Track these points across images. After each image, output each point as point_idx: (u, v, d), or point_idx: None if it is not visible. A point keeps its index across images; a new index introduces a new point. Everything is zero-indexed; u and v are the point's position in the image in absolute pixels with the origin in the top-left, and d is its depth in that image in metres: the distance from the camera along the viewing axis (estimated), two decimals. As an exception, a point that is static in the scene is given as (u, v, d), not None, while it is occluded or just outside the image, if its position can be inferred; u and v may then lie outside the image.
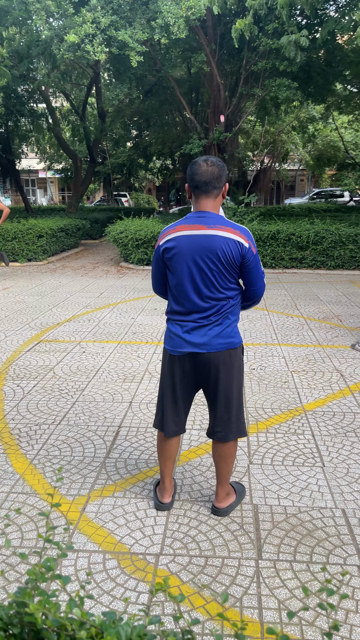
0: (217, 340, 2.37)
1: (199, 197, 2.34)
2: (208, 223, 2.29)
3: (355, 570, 2.21)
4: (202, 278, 2.32)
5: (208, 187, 2.30)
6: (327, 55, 13.26)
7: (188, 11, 9.48)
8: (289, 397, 4.06)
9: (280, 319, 6.61)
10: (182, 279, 2.35)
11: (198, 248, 2.29)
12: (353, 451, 3.22)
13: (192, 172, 2.31)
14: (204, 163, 2.30)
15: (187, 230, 2.32)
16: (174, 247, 2.34)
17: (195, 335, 2.38)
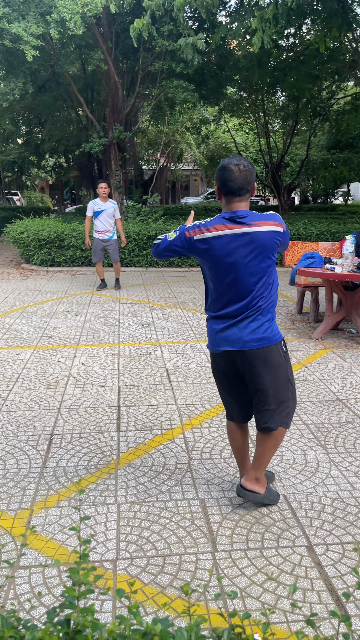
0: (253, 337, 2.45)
1: (232, 201, 2.38)
2: (248, 221, 2.33)
3: (305, 550, 2.34)
4: (242, 277, 2.37)
5: (241, 191, 2.35)
6: (219, 59, 13.71)
7: (84, 7, 9.32)
8: (216, 392, 4.17)
9: (195, 316, 6.75)
10: (221, 277, 2.39)
11: (242, 245, 2.33)
12: (284, 439, 3.39)
13: (225, 178, 2.34)
14: (236, 168, 2.32)
15: (226, 230, 2.33)
16: (212, 245, 2.35)
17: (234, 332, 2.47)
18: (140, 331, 6.03)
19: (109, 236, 8.26)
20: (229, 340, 2.46)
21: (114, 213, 8.23)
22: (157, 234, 10.70)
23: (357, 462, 3.10)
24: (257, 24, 6.68)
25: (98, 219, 8.21)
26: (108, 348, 5.38)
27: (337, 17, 11.48)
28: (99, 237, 8.26)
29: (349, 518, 2.56)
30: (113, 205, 8.23)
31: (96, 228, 8.24)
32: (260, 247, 2.34)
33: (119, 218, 8.32)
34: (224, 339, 2.47)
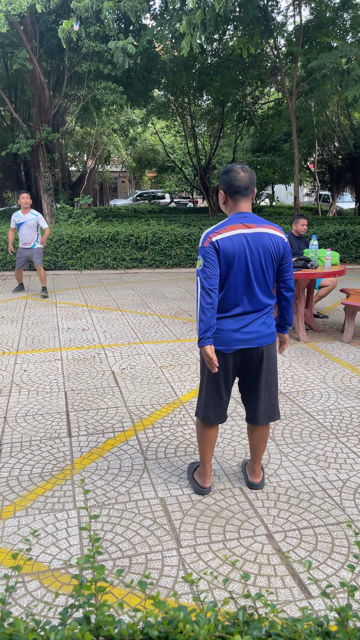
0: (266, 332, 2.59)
1: (239, 200, 2.52)
2: (255, 222, 2.50)
3: (265, 538, 2.43)
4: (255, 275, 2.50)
5: (247, 190, 2.51)
6: (146, 62, 13.77)
7: (8, 6, 9.06)
8: (164, 392, 4.22)
9: (136, 318, 6.76)
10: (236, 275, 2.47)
11: (252, 244, 2.46)
12: (234, 434, 3.49)
13: (231, 178, 2.49)
14: (241, 170, 2.50)
15: (238, 230, 2.46)
16: (229, 245, 2.44)
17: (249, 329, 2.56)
18: (81, 335, 5.95)
19: (32, 246, 8.17)
20: (247, 339, 2.55)
21: (38, 224, 8.06)
22: (91, 236, 10.59)
23: (305, 451, 3.25)
24: (186, 29, 6.80)
25: (20, 232, 8.11)
26: (50, 353, 5.27)
27: (259, 25, 11.90)
28: (23, 247, 8.17)
29: (303, 505, 2.69)
30: (34, 217, 8.00)
31: (20, 240, 8.17)
32: (267, 247, 2.50)
33: (47, 227, 8.08)
34: (240, 338, 2.54)
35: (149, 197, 34.56)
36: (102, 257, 10.72)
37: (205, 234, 2.51)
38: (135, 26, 11.71)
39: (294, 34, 13.48)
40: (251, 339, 2.56)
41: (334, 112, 19.45)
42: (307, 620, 0.82)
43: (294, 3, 13.45)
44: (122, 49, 8.30)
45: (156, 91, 17.59)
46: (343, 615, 0.80)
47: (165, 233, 10.84)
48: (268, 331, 2.60)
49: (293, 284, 2.73)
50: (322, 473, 2.98)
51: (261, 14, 11.76)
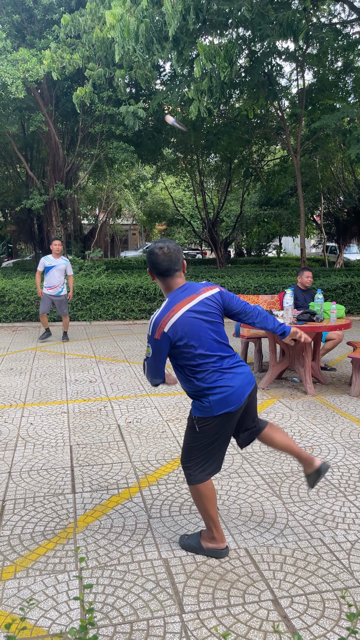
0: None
1: (167, 280, 2.62)
2: (193, 292, 2.61)
3: (271, 604, 2.36)
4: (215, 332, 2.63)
5: (170, 271, 2.58)
6: (156, 123, 14.43)
7: (26, 73, 9.63)
8: (170, 447, 4.19)
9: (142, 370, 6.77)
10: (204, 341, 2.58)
11: (202, 311, 2.58)
12: (240, 491, 3.44)
13: (153, 261, 2.57)
14: (160, 252, 2.55)
15: (186, 305, 2.56)
16: (183, 322, 2.53)
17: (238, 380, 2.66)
18: (88, 387, 5.97)
19: (58, 291, 8.53)
20: (248, 380, 2.68)
21: (66, 269, 8.46)
22: (101, 287, 10.79)
23: (312, 510, 3.18)
24: (194, 95, 7.18)
25: (48, 275, 8.48)
26: (56, 406, 5.28)
27: (264, 88, 12.50)
28: (49, 293, 8.52)
29: (310, 568, 2.61)
30: (65, 262, 8.54)
31: (46, 283, 8.46)
32: (212, 309, 2.64)
33: (71, 275, 8.57)
34: (245, 381, 2.66)
35: (158, 249, 35.19)
36: (112, 308, 10.87)
37: (155, 323, 2.54)
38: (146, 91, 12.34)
39: (297, 97, 14.11)
40: (250, 380, 2.70)
41: (338, 168, 20.05)
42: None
43: (297, 68, 14.15)
44: (133, 113, 8.74)
45: (166, 149, 18.33)
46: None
47: (174, 285, 10.99)
48: (251, 374, 2.76)
49: (252, 309, 2.80)
50: (329, 534, 2.91)
51: (265, 78, 12.39)
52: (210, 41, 7.32)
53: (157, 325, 2.52)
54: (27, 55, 9.67)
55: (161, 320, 2.52)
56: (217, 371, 2.59)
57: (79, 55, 8.76)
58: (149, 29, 6.59)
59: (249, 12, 6.36)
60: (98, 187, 25.68)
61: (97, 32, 8.12)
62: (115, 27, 6.44)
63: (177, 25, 6.07)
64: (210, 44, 6.39)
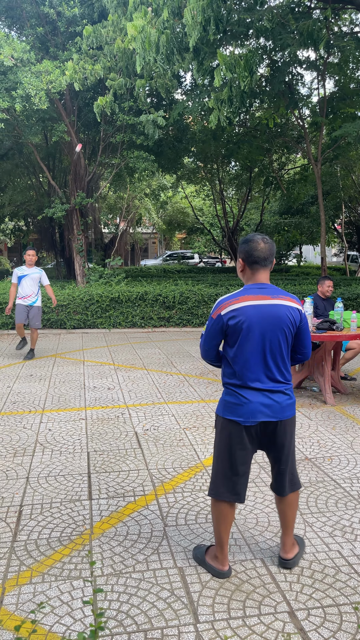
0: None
1: (257, 271, 2.54)
2: (271, 293, 2.50)
3: (287, 616, 2.33)
4: (270, 348, 2.47)
5: (266, 261, 2.53)
6: (177, 132, 14.53)
7: (49, 84, 9.80)
8: (187, 455, 4.17)
9: (161, 377, 6.78)
10: (251, 347, 2.46)
11: (266, 317, 2.45)
12: (257, 501, 3.40)
13: (251, 248, 2.51)
14: (261, 241, 2.52)
15: (253, 301, 2.46)
16: (241, 317, 2.44)
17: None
18: (106, 394, 6.00)
19: (32, 301, 8.08)
20: (268, 413, 2.48)
21: (40, 279, 8.12)
22: (120, 295, 10.85)
23: (330, 521, 3.13)
24: (214, 104, 7.22)
25: (21, 284, 8.06)
26: (75, 412, 5.31)
27: (284, 97, 12.50)
28: (22, 302, 8.05)
29: (328, 580, 2.57)
30: (39, 272, 8.09)
31: (19, 293, 8.08)
32: (283, 319, 2.48)
33: (48, 284, 8.21)
34: (261, 410, 2.48)
35: (178, 258, 35.37)
36: (131, 316, 10.92)
37: (218, 303, 2.54)
38: (167, 100, 12.44)
39: (318, 106, 14.07)
40: (272, 413, 2.50)
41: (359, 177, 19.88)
42: None
43: (318, 77, 14.13)
44: (153, 122, 8.82)
45: (186, 158, 18.43)
46: None
47: (192, 293, 11.03)
48: (288, 403, 2.54)
49: (309, 355, 2.69)
50: (348, 546, 2.86)
51: (286, 87, 12.39)
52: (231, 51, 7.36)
53: (218, 306, 2.53)
54: (50, 67, 9.85)
55: (224, 302, 2.51)
56: (247, 381, 2.50)
57: (101, 66, 8.90)
58: (170, 40, 6.66)
59: (270, 22, 6.39)
60: (119, 196, 25.93)
61: (118, 43, 8.24)
62: (136, 39, 6.53)
63: (197, 36, 6.13)
64: (231, 54, 6.44)
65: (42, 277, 8.13)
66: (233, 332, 2.47)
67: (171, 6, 6.65)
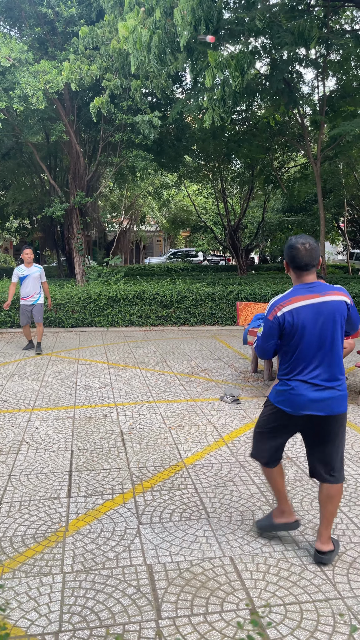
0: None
1: (302, 274, 2.71)
2: (320, 291, 2.66)
3: (248, 613, 2.36)
4: (323, 344, 2.64)
5: (308, 266, 2.69)
6: (177, 131, 14.55)
7: (46, 84, 9.86)
8: (169, 454, 4.22)
9: (153, 376, 6.83)
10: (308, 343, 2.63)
11: (318, 314, 2.62)
12: (233, 499, 3.44)
13: (293, 255, 2.68)
14: (302, 247, 2.66)
15: (305, 301, 2.64)
16: (295, 317, 2.62)
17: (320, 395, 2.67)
18: (97, 393, 6.05)
19: (34, 300, 8.30)
20: (318, 407, 2.64)
21: (40, 277, 8.34)
22: (118, 294, 10.91)
23: (303, 520, 3.17)
24: (208, 104, 7.24)
25: (24, 284, 8.25)
26: (63, 411, 5.37)
27: (284, 96, 12.48)
28: (25, 303, 8.27)
29: (293, 578, 2.61)
30: (38, 270, 8.31)
31: (22, 294, 8.28)
32: (333, 315, 2.64)
33: (45, 281, 8.43)
34: (310, 405, 2.64)
35: (182, 256, 35.41)
36: (129, 314, 10.97)
37: (272, 305, 2.72)
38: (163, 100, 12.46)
39: (318, 104, 14.04)
40: (322, 407, 2.64)
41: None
42: None
43: (318, 75, 14.09)
44: (148, 122, 8.85)
45: (187, 157, 18.44)
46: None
47: (190, 292, 11.06)
48: (339, 399, 2.66)
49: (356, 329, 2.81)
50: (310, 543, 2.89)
51: (285, 85, 12.37)
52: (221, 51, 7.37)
53: (272, 308, 2.70)
54: (47, 67, 9.90)
55: (278, 304, 2.68)
56: (300, 375, 2.67)
57: (97, 67, 8.94)
58: (162, 40, 6.68)
59: (261, 21, 6.40)
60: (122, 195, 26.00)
61: (114, 43, 8.26)
62: (128, 39, 6.56)
63: (188, 36, 6.15)
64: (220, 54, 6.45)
65: (41, 275, 8.40)
66: (289, 331, 2.65)
67: (163, 6, 6.68)
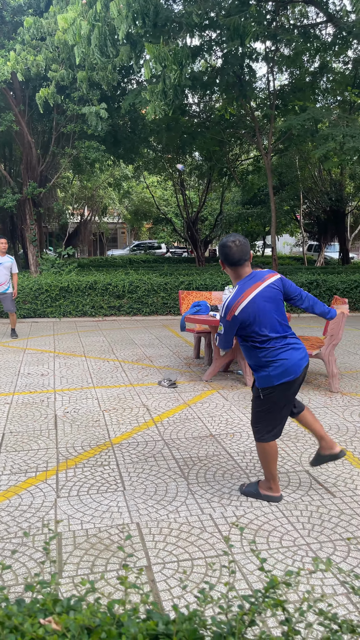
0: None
1: (237, 269, 3.10)
2: (259, 279, 3.07)
3: (143, 570, 2.57)
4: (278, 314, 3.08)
5: (241, 261, 3.06)
6: (132, 123, 14.61)
7: (-7, 74, 9.79)
8: (98, 434, 4.39)
9: (97, 364, 6.98)
10: (269, 321, 3.04)
11: (267, 296, 3.04)
12: (151, 473, 3.65)
13: (226, 253, 3.06)
14: (233, 244, 3.04)
15: (253, 292, 3.03)
16: (252, 306, 3.00)
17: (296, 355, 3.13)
18: (38, 380, 6.17)
19: (5, 289, 8.70)
20: (301, 363, 3.10)
21: (11, 267, 8.67)
22: (70, 285, 10.98)
23: (212, 490, 3.40)
24: (150, 96, 7.38)
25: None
26: (1, 398, 5.47)
27: (235, 89, 12.70)
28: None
29: (191, 539, 2.83)
30: (10, 260, 8.70)
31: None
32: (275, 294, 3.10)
33: (16, 273, 8.75)
34: (300, 356, 3.11)
35: (145, 248, 35.46)
36: (81, 305, 11.06)
37: (227, 306, 3.05)
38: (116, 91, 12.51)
39: (270, 98, 14.32)
40: (304, 356, 3.13)
41: (315, 168, 20.28)
42: None
43: (269, 69, 14.36)
44: (96, 113, 8.93)
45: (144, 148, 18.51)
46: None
47: (142, 282, 11.22)
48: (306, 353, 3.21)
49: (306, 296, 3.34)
50: (220, 510, 3.13)
51: (237, 79, 12.59)
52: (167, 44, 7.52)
53: (229, 309, 3.03)
54: (-6, 56, 9.83)
55: (233, 304, 3.01)
56: (280, 348, 3.06)
57: (42, 57, 8.95)
58: (102, 33, 6.78)
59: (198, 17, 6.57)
60: (83, 186, 25.84)
61: (59, 34, 8.30)
62: (67, 31, 6.63)
63: (126, 29, 6.27)
64: (158, 47, 6.60)
65: (12, 266, 8.74)
66: (252, 321, 3.03)
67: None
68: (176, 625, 0.88)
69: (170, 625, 0.89)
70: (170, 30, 8.34)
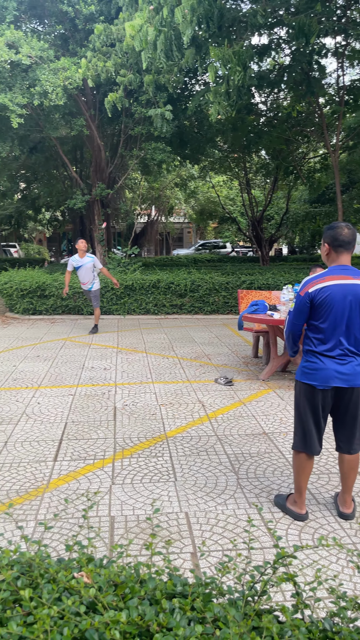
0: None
1: (341, 254, 2.91)
2: (353, 274, 2.85)
3: (188, 556, 2.69)
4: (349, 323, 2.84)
5: (349, 245, 2.90)
6: (197, 123, 14.77)
7: (65, 81, 10.26)
8: (154, 427, 4.56)
9: (157, 360, 7.18)
10: (334, 320, 2.84)
11: (349, 294, 2.81)
12: (202, 466, 3.76)
13: (336, 233, 2.89)
14: (345, 227, 2.90)
15: (337, 280, 2.84)
16: (327, 294, 2.82)
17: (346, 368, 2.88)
18: (101, 374, 6.44)
19: (89, 287, 9.29)
20: (343, 379, 2.86)
21: (94, 265, 9.19)
22: (134, 284, 11.29)
23: (262, 485, 3.46)
24: (213, 98, 7.48)
25: (78, 273, 9.26)
26: (66, 389, 5.78)
27: (303, 86, 12.53)
28: (84, 288, 9.38)
29: (236, 530, 2.92)
30: (91, 260, 9.12)
31: (80, 280, 9.35)
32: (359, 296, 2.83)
33: (102, 267, 9.27)
34: (337, 377, 2.86)
35: (210, 247, 35.59)
36: (144, 303, 11.34)
37: (305, 281, 2.93)
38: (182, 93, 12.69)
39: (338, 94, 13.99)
40: (346, 379, 2.87)
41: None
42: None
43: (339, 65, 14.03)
44: (161, 115, 9.15)
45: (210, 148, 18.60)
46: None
47: (204, 281, 11.34)
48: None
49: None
50: (267, 505, 3.19)
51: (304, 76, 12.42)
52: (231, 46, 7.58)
53: (305, 284, 2.91)
54: (67, 63, 10.29)
55: (311, 282, 2.89)
56: (326, 351, 2.88)
57: (112, 63, 9.27)
58: (168, 38, 6.95)
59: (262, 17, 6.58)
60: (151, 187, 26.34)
61: (127, 40, 8.57)
62: (135, 38, 6.85)
63: (191, 33, 6.40)
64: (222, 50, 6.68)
65: (95, 263, 9.23)
66: (319, 306, 2.85)
67: (170, 4, 6.94)
68: (192, 587, 0.98)
69: (187, 587, 0.99)
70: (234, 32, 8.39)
